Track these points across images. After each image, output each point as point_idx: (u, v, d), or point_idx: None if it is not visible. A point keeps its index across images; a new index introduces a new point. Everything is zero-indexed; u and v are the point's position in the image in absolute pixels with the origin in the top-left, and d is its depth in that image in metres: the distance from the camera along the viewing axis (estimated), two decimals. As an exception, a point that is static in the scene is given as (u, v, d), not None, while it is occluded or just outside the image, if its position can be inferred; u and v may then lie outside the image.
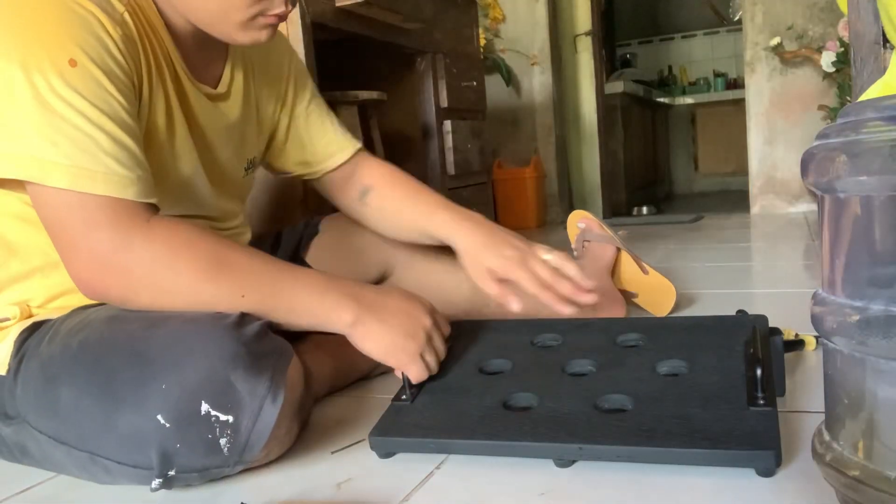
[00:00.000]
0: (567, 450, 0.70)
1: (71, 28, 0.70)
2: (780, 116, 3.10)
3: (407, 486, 0.71)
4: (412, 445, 0.77)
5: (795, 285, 1.54)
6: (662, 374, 0.79)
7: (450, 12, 2.20)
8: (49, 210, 0.71)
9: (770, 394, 0.70)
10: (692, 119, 5.58)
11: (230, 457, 0.69)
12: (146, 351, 0.70)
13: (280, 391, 0.70)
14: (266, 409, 0.69)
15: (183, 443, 0.68)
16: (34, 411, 0.76)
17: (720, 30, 5.59)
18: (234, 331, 0.71)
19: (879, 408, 0.50)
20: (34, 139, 0.68)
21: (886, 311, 0.48)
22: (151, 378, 0.68)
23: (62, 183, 0.69)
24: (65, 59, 0.69)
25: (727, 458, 0.65)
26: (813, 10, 2.96)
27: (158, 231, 0.73)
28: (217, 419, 0.68)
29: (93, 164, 0.70)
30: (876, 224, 0.49)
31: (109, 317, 0.77)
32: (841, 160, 0.49)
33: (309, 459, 0.80)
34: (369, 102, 1.79)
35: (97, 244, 0.71)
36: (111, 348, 0.72)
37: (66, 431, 0.73)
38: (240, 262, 0.76)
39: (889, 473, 0.48)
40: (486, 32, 3.27)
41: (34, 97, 0.68)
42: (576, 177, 3.72)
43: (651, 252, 2.22)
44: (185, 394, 0.67)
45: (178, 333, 0.71)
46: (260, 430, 0.69)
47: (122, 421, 0.69)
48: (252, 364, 0.69)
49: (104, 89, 0.71)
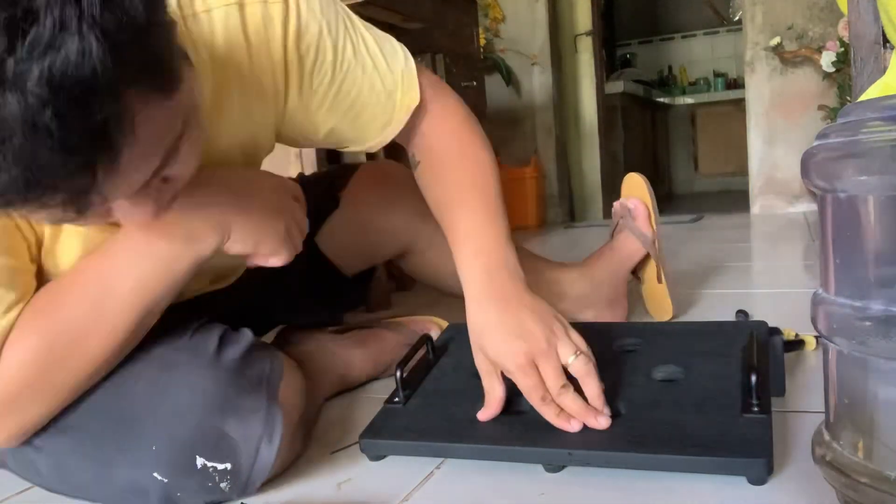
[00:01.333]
0: (556, 455, 0.70)
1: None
2: (780, 116, 3.10)
3: (407, 487, 0.71)
4: (403, 448, 0.76)
5: (795, 285, 1.54)
6: (658, 379, 0.79)
7: (450, 12, 2.20)
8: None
9: (765, 401, 0.69)
10: (692, 119, 5.57)
11: (232, 492, 0.69)
12: (128, 411, 0.68)
13: (276, 426, 0.68)
14: (263, 450, 0.68)
15: (184, 492, 0.67)
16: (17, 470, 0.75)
17: (720, 30, 5.58)
18: (215, 369, 0.68)
19: (879, 408, 0.50)
20: None
21: (886, 311, 0.48)
22: (139, 440, 0.67)
23: None
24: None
25: (717, 466, 0.64)
26: (813, 10, 2.96)
27: None
28: (214, 469, 0.66)
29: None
30: (876, 224, 0.49)
31: None
32: (841, 160, 0.49)
33: (309, 459, 0.80)
34: (369, 102, 1.79)
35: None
36: (87, 413, 0.69)
37: (57, 485, 0.73)
38: (60, 313, 0.65)
39: (889, 473, 0.48)
40: (486, 32, 3.28)
41: None
42: (576, 177, 3.72)
43: (651, 252, 2.22)
44: (177, 452, 0.66)
45: (158, 386, 0.68)
46: (259, 469, 0.68)
47: (117, 476, 0.68)
48: (242, 405, 0.67)
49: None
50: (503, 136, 3.50)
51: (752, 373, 0.69)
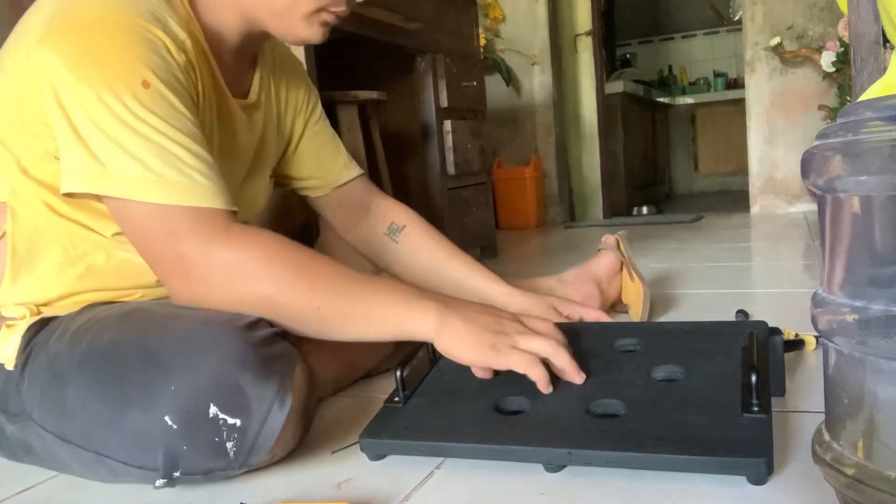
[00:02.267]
0: (556, 454, 0.69)
1: (140, 50, 0.73)
2: (780, 116, 3.10)
3: (407, 486, 0.71)
4: (403, 448, 0.76)
5: (795, 285, 1.54)
6: (658, 379, 0.79)
7: (450, 12, 2.20)
8: (133, 224, 0.75)
9: (765, 401, 0.69)
10: (692, 119, 5.58)
11: (235, 460, 0.70)
12: (157, 352, 0.71)
13: (288, 396, 0.70)
14: (273, 413, 0.69)
15: (189, 445, 0.68)
16: (40, 408, 0.76)
17: (720, 30, 5.59)
18: (244, 333, 0.71)
19: (879, 408, 0.50)
20: (121, 158, 0.71)
21: (886, 311, 0.48)
22: (161, 379, 0.69)
23: (152, 198, 0.72)
24: (138, 80, 0.72)
25: (717, 466, 0.64)
26: (813, 10, 2.97)
27: (238, 239, 0.75)
28: (225, 422, 0.68)
29: (179, 177, 0.73)
30: (876, 224, 0.49)
31: (120, 315, 0.77)
32: (841, 160, 0.49)
33: (309, 459, 0.80)
34: (369, 102, 1.79)
35: (180, 253, 0.74)
36: (121, 348, 0.73)
37: (72, 430, 0.73)
38: (316, 271, 0.77)
39: (889, 473, 0.48)
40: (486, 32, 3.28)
41: (114, 117, 0.71)
42: (576, 177, 3.72)
43: (651, 252, 2.22)
44: (194, 396, 0.68)
45: (190, 335, 0.71)
46: (266, 435, 0.69)
47: (130, 422, 0.69)
48: (261, 368, 0.70)
49: (175, 108, 0.74)
50: (503, 136, 3.50)
51: (753, 372, 0.69)
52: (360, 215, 1.13)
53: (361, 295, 0.77)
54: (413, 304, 0.78)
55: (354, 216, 1.12)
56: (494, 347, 0.77)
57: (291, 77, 1.05)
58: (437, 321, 0.77)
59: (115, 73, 0.72)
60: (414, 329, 0.78)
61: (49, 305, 0.84)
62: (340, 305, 0.76)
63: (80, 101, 0.71)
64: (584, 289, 1.28)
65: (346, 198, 1.11)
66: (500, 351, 0.77)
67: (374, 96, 1.76)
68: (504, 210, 3.38)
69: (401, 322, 0.78)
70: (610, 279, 1.33)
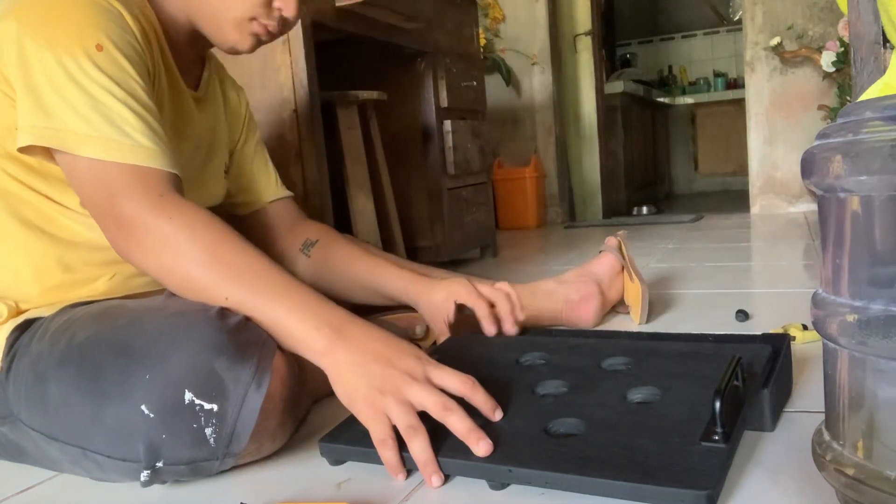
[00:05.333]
0: (497, 471, 0.67)
1: (97, 18, 0.79)
2: (780, 116, 3.10)
3: (407, 487, 0.71)
4: (360, 455, 0.74)
5: (795, 285, 1.54)
6: (633, 401, 0.76)
7: (450, 12, 2.20)
8: (80, 180, 0.78)
9: (730, 430, 0.64)
10: (692, 119, 5.58)
11: (217, 448, 0.70)
12: (131, 344, 0.72)
13: (265, 378, 0.71)
14: (251, 395, 0.70)
15: (168, 433, 0.68)
16: (26, 409, 0.77)
17: (720, 30, 5.59)
18: (217, 321, 0.72)
19: (879, 408, 0.50)
20: (68, 114, 0.75)
21: (886, 311, 0.48)
22: (136, 370, 0.70)
23: (93, 153, 0.76)
24: (92, 44, 0.77)
25: (655, 495, 0.59)
26: (813, 10, 2.97)
27: (171, 208, 0.76)
28: (201, 408, 0.68)
29: (120, 136, 0.76)
30: (876, 224, 0.49)
31: (96, 313, 0.79)
32: (841, 160, 0.49)
33: (309, 459, 0.80)
34: (369, 102, 1.79)
35: (118, 212, 0.76)
36: (97, 344, 0.74)
37: (57, 427, 0.74)
38: (234, 260, 0.76)
39: (889, 473, 0.48)
40: (486, 32, 3.28)
41: (66, 77, 0.75)
42: (576, 177, 3.72)
43: (651, 252, 2.22)
44: (168, 383, 0.68)
45: (163, 326, 0.73)
46: (245, 419, 0.70)
47: (109, 414, 0.70)
48: (235, 352, 0.70)
49: (127, 73, 0.79)
50: (503, 136, 3.50)
51: (717, 398, 0.64)
52: (282, 233, 1.16)
53: (269, 297, 0.75)
54: (311, 326, 0.73)
55: (277, 233, 1.15)
56: (366, 401, 0.70)
57: (232, 92, 1.12)
58: (323, 349, 0.73)
59: (72, 37, 0.76)
60: (304, 351, 0.75)
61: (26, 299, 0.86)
62: (245, 301, 0.75)
63: (38, 61, 0.76)
64: (583, 289, 1.28)
65: (269, 218, 1.15)
66: (367, 407, 0.70)
67: (374, 96, 1.76)
68: (504, 210, 3.38)
69: (293, 339, 0.75)
70: (611, 280, 1.33)
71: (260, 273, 0.77)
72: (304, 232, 1.16)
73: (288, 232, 1.16)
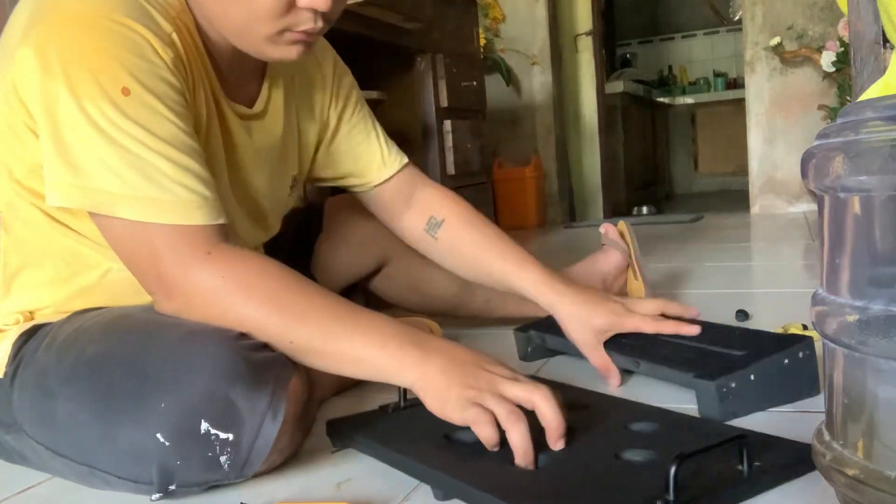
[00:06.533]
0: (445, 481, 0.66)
1: (120, 53, 0.69)
2: (780, 116, 3.10)
3: (407, 486, 0.71)
4: (365, 445, 0.76)
5: (795, 285, 1.54)
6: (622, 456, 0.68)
7: (450, 12, 2.20)
8: (117, 240, 0.73)
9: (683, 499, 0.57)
10: (692, 119, 5.58)
11: (231, 472, 0.69)
12: (145, 366, 0.70)
13: (281, 406, 0.69)
14: (266, 425, 0.68)
15: (183, 460, 0.67)
16: (30, 422, 0.76)
17: (720, 30, 5.59)
18: (233, 343, 0.70)
19: (879, 408, 0.50)
20: (98, 169, 0.69)
21: (886, 311, 0.48)
22: (150, 396, 0.68)
23: (130, 215, 0.70)
24: (117, 88, 0.69)
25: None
26: (813, 10, 2.96)
27: (219, 261, 0.72)
28: (217, 437, 0.67)
29: (158, 192, 0.70)
30: (876, 224, 0.49)
31: (107, 324, 0.76)
32: (841, 160, 0.49)
33: (309, 459, 0.80)
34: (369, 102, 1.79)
35: (161, 272, 0.72)
36: (109, 362, 0.72)
37: (64, 445, 0.73)
38: (295, 304, 0.73)
39: (889, 473, 0.48)
40: (486, 32, 3.27)
41: (92, 127, 0.68)
42: (576, 177, 3.72)
43: (651, 252, 2.22)
44: (184, 413, 0.66)
45: (177, 348, 0.70)
46: (260, 447, 0.69)
47: (122, 437, 0.69)
48: (252, 379, 0.68)
49: (160, 115, 0.71)
50: (503, 136, 3.50)
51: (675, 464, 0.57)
52: (401, 210, 1.08)
53: (339, 334, 0.73)
54: (391, 353, 0.72)
55: (397, 211, 1.08)
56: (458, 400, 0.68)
57: (315, 82, 1.02)
58: (414, 368, 0.71)
59: (94, 80, 0.68)
60: (391, 376, 0.73)
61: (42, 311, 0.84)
62: (314, 341, 0.73)
63: (60, 105, 0.69)
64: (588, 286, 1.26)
65: (385, 195, 1.07)
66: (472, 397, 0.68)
67: (374, 96, 1.76)
68: (504, 210, 3.38)
69: (376, 368, 0.73)
70: (616, 277, 1.31)
71: (324, 313, 0.74)
72: (426, 205, 1.07)
73: (409, 206, 1.07)
